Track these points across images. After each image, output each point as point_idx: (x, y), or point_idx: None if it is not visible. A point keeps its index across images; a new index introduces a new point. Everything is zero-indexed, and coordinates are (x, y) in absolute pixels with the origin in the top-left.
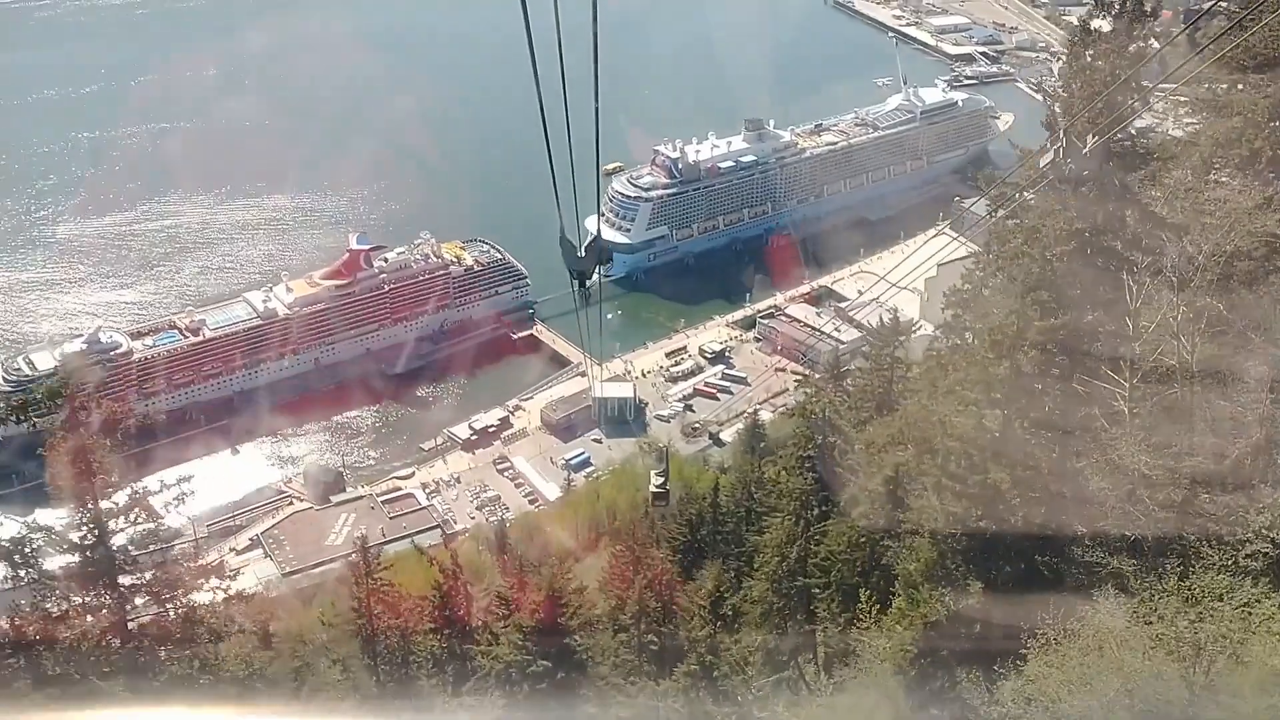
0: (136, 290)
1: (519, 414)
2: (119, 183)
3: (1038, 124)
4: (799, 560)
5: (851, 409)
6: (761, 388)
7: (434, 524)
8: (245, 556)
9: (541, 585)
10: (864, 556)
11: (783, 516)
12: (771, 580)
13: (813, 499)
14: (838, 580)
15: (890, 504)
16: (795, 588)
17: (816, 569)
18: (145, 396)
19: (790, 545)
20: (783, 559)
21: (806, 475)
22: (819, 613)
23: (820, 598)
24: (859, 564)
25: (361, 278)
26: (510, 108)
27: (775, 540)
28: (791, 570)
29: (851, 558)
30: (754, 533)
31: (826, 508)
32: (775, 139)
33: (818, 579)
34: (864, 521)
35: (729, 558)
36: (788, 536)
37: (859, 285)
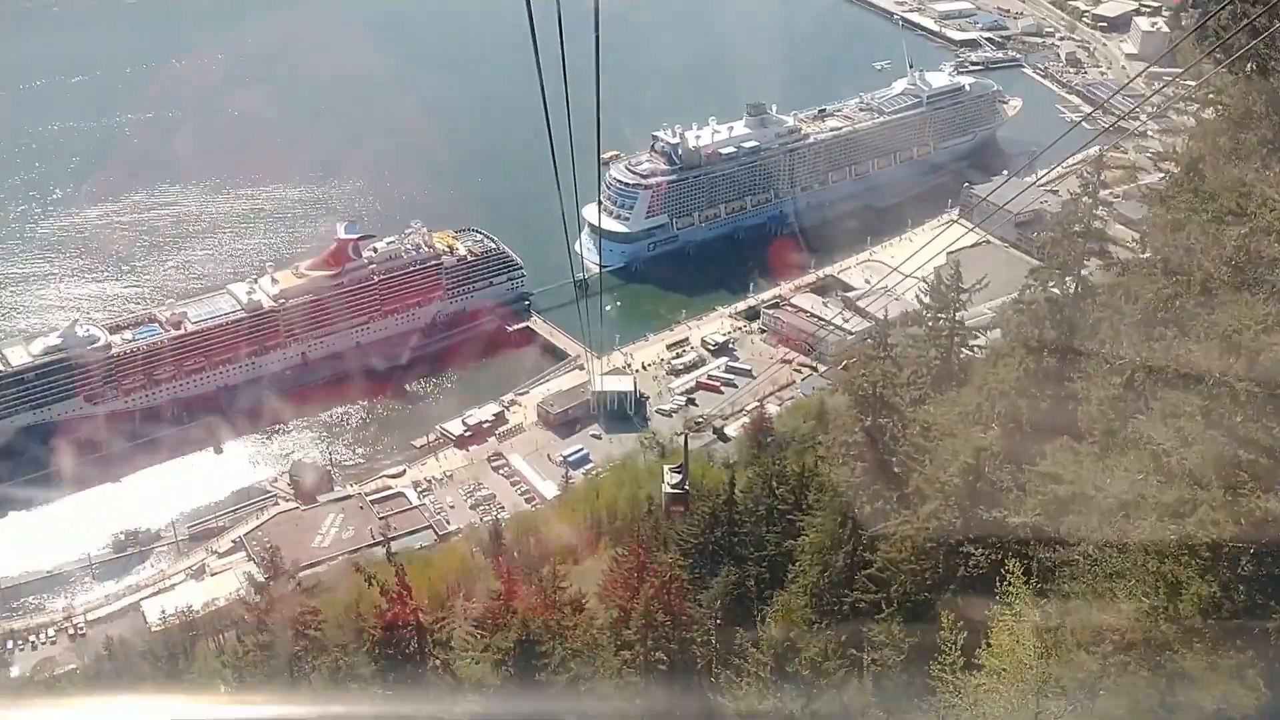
0: (119, 283)
1: (515, 409)
2: (104, 174)
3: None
4: (846, 569)
5: (905, 384)
6: (767, 380)
7: (425, 524)
8: (227, 560)
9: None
10: (933, 567)
11: (825, 516)
12: (811, 594)
13: (863, 494)
14: (899, 596)
15: (970, 499)
16: (843, 604)
17: (870, 581)
18: (124, 393)
19: (835, 551)
20: (825, 568)
21: (854, 466)
22: (876, 637)
23: (876, 617)
24: (928, 576)
25: (350, 268)
26: (507, 95)
27: (816, 544)
28: (836, 582)
29: (918, 568)
30: (776, 534)
31: (881, 505)
32: (778, 124)
33: (872, 594)
34: (935, 523)
35: (747, 562)
36: (832, 540)
37: (866, 274)
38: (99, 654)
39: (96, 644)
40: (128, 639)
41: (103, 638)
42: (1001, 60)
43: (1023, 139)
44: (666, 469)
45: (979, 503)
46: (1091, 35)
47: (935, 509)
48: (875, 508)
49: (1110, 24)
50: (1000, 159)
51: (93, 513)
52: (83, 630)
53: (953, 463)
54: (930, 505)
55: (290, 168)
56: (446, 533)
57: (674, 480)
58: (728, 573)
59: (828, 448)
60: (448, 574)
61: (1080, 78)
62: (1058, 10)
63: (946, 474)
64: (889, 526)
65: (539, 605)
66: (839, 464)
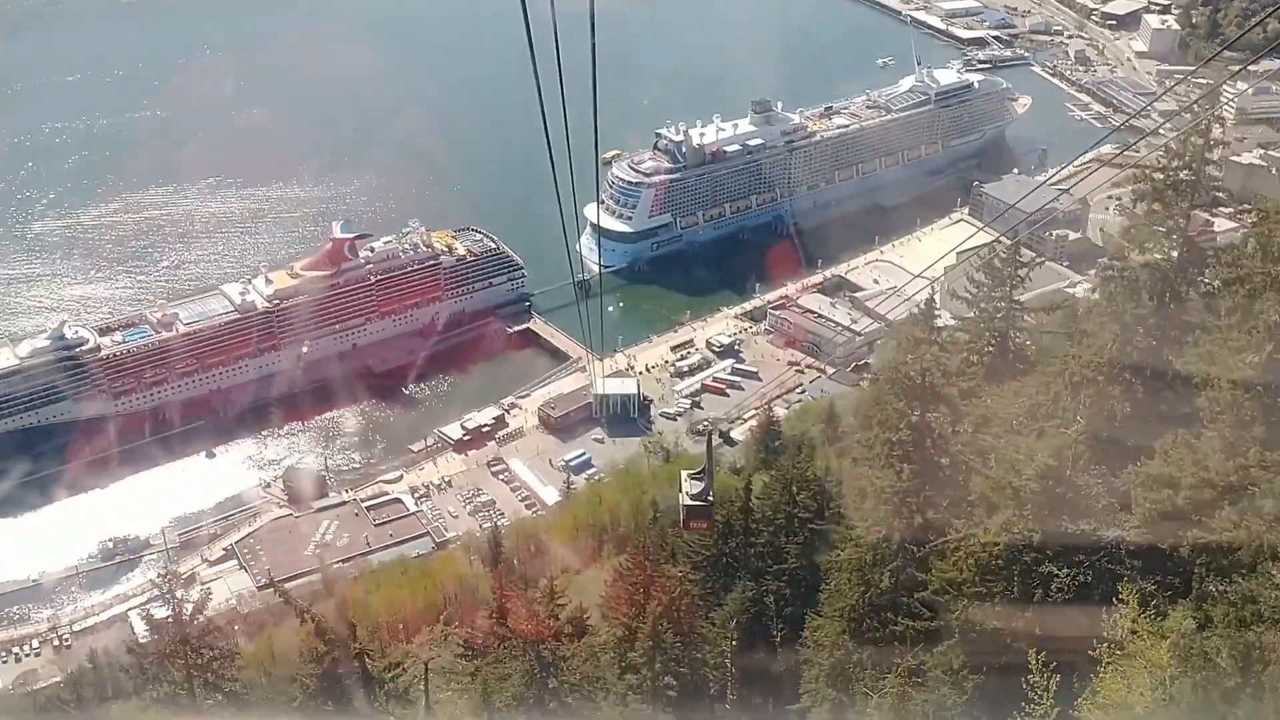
0: (112, 284)
1: (515, 412)
2: (98, 174)
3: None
4: (893, 591)
5: (955, 373)
6: (774, 382)
7: (422, 531)
8: (218, 568)
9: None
10: (1004, 590)
11: (865, 527)
12: (850, 618)
13: (912, 502)
14: (961, 624)
15: (1050, 508)
16: (889, 631)
17: (924, 605)
18: (113, 396)
19: (879, 568)
20: (866, 589)
21: (901, 468)
22: (932, 672)
23: (933, 649)
24: (997, 600)
25: (346, 268)
26: (506, 93)
27: (854, 560)
28: (880, 605)
29: (985, 590)
30: (797, 545)
31: (935, 514)
32: (784, 122)
33: (926, 620)
34: (1006, 536)
35: (765, 576)
36: (875, 556)
37: (874, 274)
38: (82, 666)
39: (80, 656)
40: (112, 651)
41: (86, 650)
42: (1009, 58)
43: (1032, 137)
44: (685, 476)
45: (1062, 512)
46: (1100, 33)
47: (1007, 520)
48: (927, 518)
49: (1119, 22)
50: (1010, 157)
51: (81, 519)
52: (68, 642)
53: (1027, 464)
54: (1001, 515)
55: (288, 167)
56: (444, 540)
57: (695, 489)
58: (744, 588)
59: (868, 447)
60: (445, 584)
61: (1090, 76)
62: (1066, 8)
63: (1021, 478)
64: (949, 541)
65: (536, 627)
66: (881, 466)
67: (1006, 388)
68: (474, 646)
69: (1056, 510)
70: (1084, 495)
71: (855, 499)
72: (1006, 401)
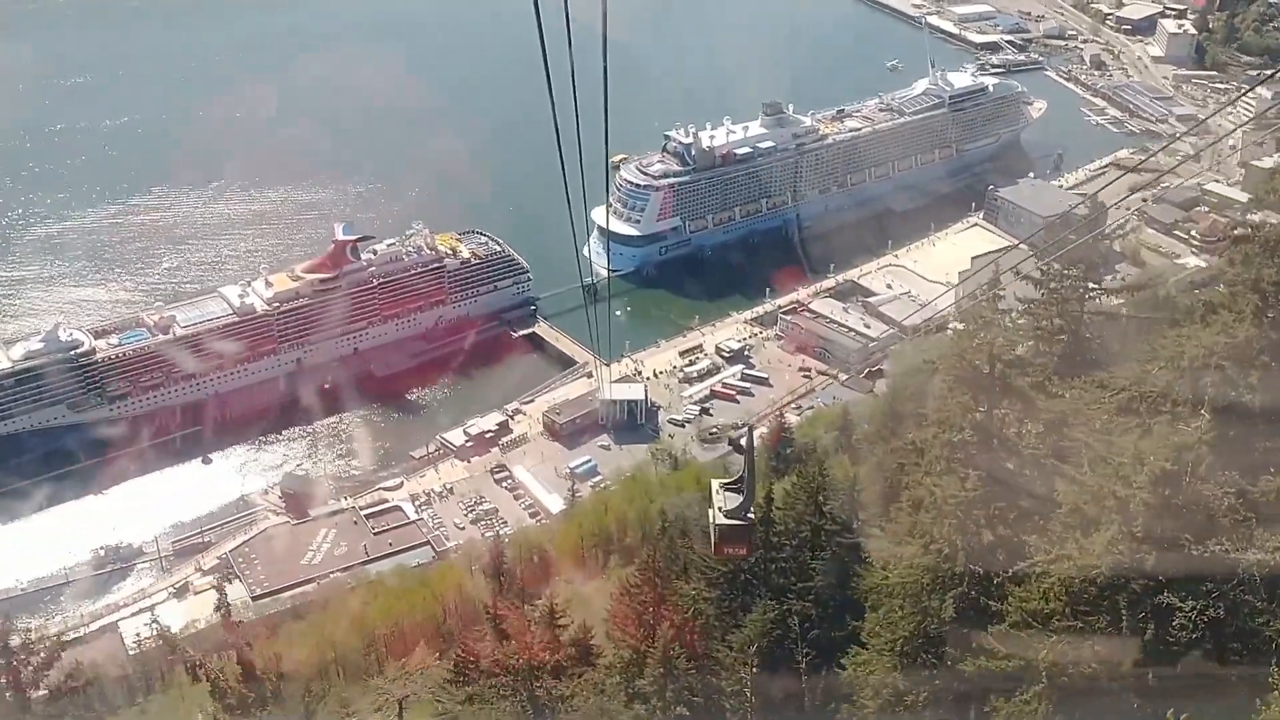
0: (111, 287)
1: (519, 418)
2: (99, 176)
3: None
4: (956, 621)
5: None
6: (784, 388)
7: (422, 540)
8: (212, 578)
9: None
10: (1109, 624)
11: (920, 544)
12: (901, 653)
13: (979, 515)
14: (1050, 666)
15: (1167, 525)
16: (954, 670)
17: (997, 641)
18: (108, 400)
19: (939, 595)
20: (924, 618)
21: (965, 474)
22: None
23: (1014, 696)
24: (1096, 636)
25: (348, 271)
26: (513, 95)
27: (908, 585)
28: (939, 638)
29: (1081, 625)
30: (824, 561)
31: (1007, 531)
32: (795, 124)
33: (1001, 660)
34: (1110, 559)
35: (788, 595)
36: (933, 580)
37: (887, 279)
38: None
39: (65, 668)
40: (99, 663)
41: (72, 662)
42: (1023, 63)
43: (1048, 141)
44: (717, 487)
45: (1183, 529)
46: (1115, 38)
47: (1111, 539)
48: (998, 534)
49: (1134, 27)
50: (1025, 161)
51: (73, 526)
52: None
53: (1135, 470)
54: (1103, 533)
55: (291, 170)
56: (445, 549)
57: (730, 505)
58: (764, 608)
59: (920, 450)
60: (444, 595)
61: (1105, 80)
62: (1080, 13)
63: (1131, 486)
64: (1035, 563)
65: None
66: (940, 472)
67: (1090, 379)
68: (465, 672)
69: (1175, 527)
70: (1211, 508)
71: (908, 511)
72: (1093, 394)
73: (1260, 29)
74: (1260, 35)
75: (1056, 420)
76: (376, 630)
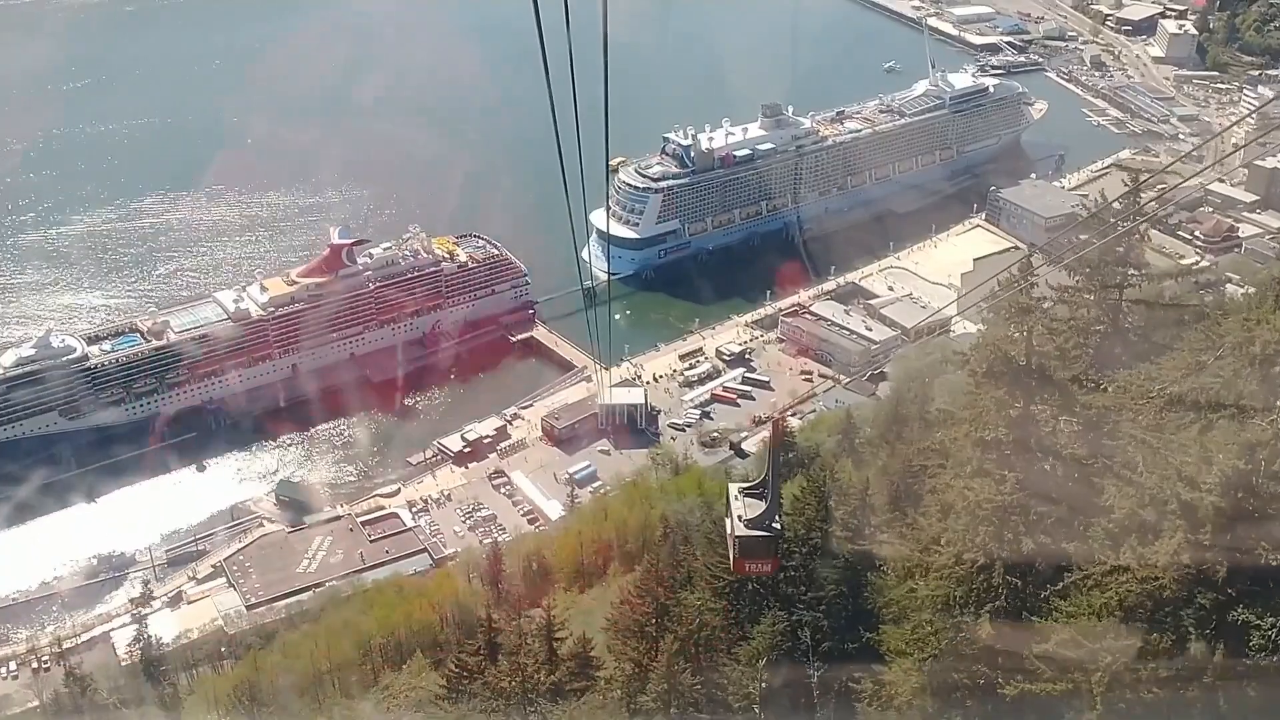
0: (105, 292)
1: (517, 423)
2: (95, 181)
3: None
4: (994, 638)
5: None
6: (786, 392)
7: (420, 548)
8: (206, 586)
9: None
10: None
11: (953, 554)
12: (931, 671)
13: (1017, 521)
14: (1105, 688)
15: (1241, 529)
16: (990, 690)
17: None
18: (101, 407)
19: (974, 608)
20: (957, 633)
21: (1001, 476)
22: None
23: None
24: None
25: (344, 275)
26: (511, 98)
27: (938, 597)
28: (973, 656)
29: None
30: (835, 570)
31: (1048, 538)
32: (795, 126)
33: (1046, 682)
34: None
35: (797, 605)
36: (966, 592)
37: (888, 281)
38: (58, 691)
39: (57, 679)
40: (92, 674)
41: (63, 673)
42: (1023, 64)
43: (1049, 142)
44: (736, 492)
45: (1260, 537)
46: (1115, 39)
47: (1177, 547)
48: (1038, 541)
49: (1134, 27)
50: (1025, 163)
51: (65, 535)
52: (47, 664)
53: (1202, 472)
54: (1167, 541)
55: (288, 174)
56: (443, 556)
57: (752, 514)
58: (773, 619)
59: (942, 453)
60: (442, 604)
61: (1106, 81)
62: (1080, 14)
63: (1199, 489)
64: (1089, 574)
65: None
66: (971, 474)
67: (1135, 372)
68: (458, 689)
69: (1250, 534)
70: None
71: (937, 516)
72: (1139, 388)
73: (1261, 29)
74: (1261, 35)
75: (1099, 417)
76: (372, 640)
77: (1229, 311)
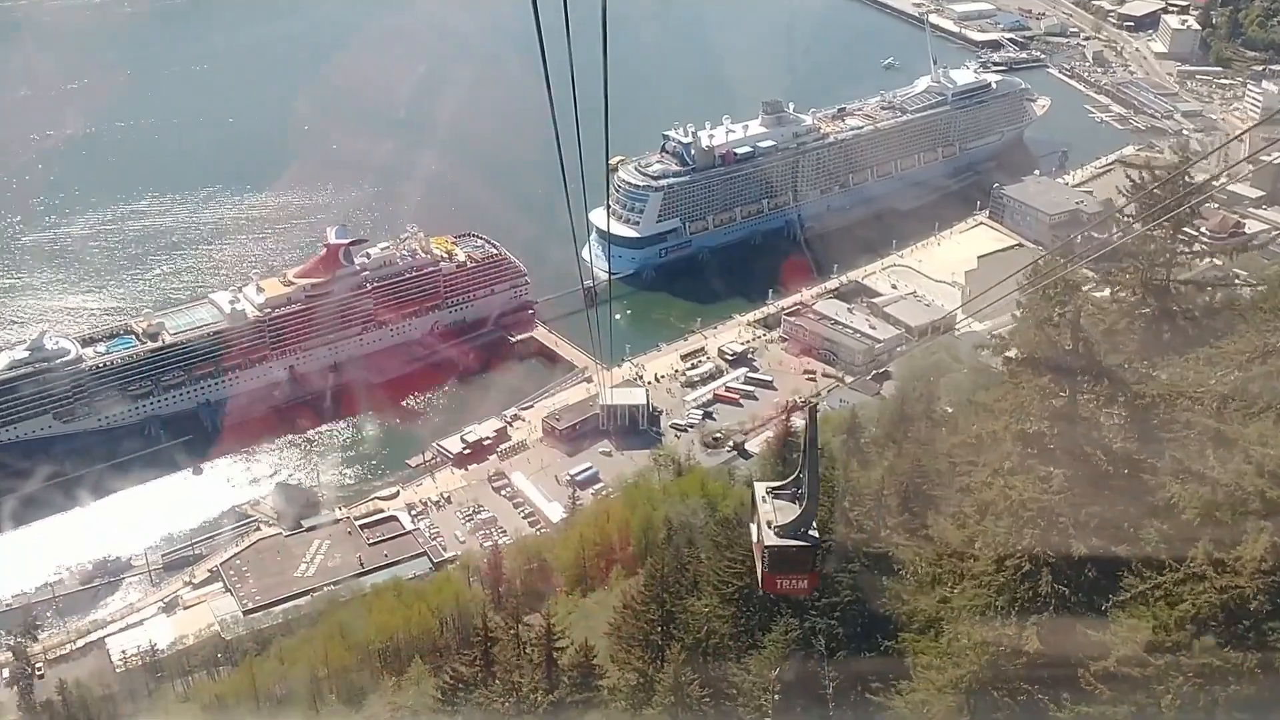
0: (98, 295)
1: (518, 424)
2: (90, 183)
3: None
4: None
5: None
6: (789, 391)
7: (419, 551)
8: (203, 591)
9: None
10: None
11: (993, 560)
12: (970, 691)
13: (1065, 523)
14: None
15: None
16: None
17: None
18: (96, 410)
19: (1019, 620)
20: (1000, 650)
21: (1047, 473)
22: None
23: None
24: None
25: (341, 275)
26: (510, 96)
27: (977, 605)
28: (1017, 675)
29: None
30: (850, 575)
31: (1100, 543)
32: (796, 123)
33: (1105, 705)
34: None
35: (811, 612)
36: (1009, 602)
37: (892, 279)
38: (50, 699)
39: (49, 688)
40: (85, 682)
41: (56, 681)
42: (1025, 60)
43: (1052, 139)
44: (763, 493)
45: None
46: (1117, 35)
47: (1263, 552)
48: (1093, 547)
49: (1136, 23)
50: (1028, 159)
51: (60, 540)
52: (40, 671)
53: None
54: (1254, 545)
55: (285, 173)
56: (442, 560)
57: (784, 519)
58: (786, 627)
59: (975, 446)
60: (441, 607)
61: (1109, 77)
62: (1081, 10)
63: None
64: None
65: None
66: (1010, 470)
67: (1192, 356)
68: (453, 700)
69: None
70: None
71: (973, 517)
72: (1198, 373)
73: (1265, 23)
74: (1265, 30)
75: (1153, 407)
76: (371, 645)
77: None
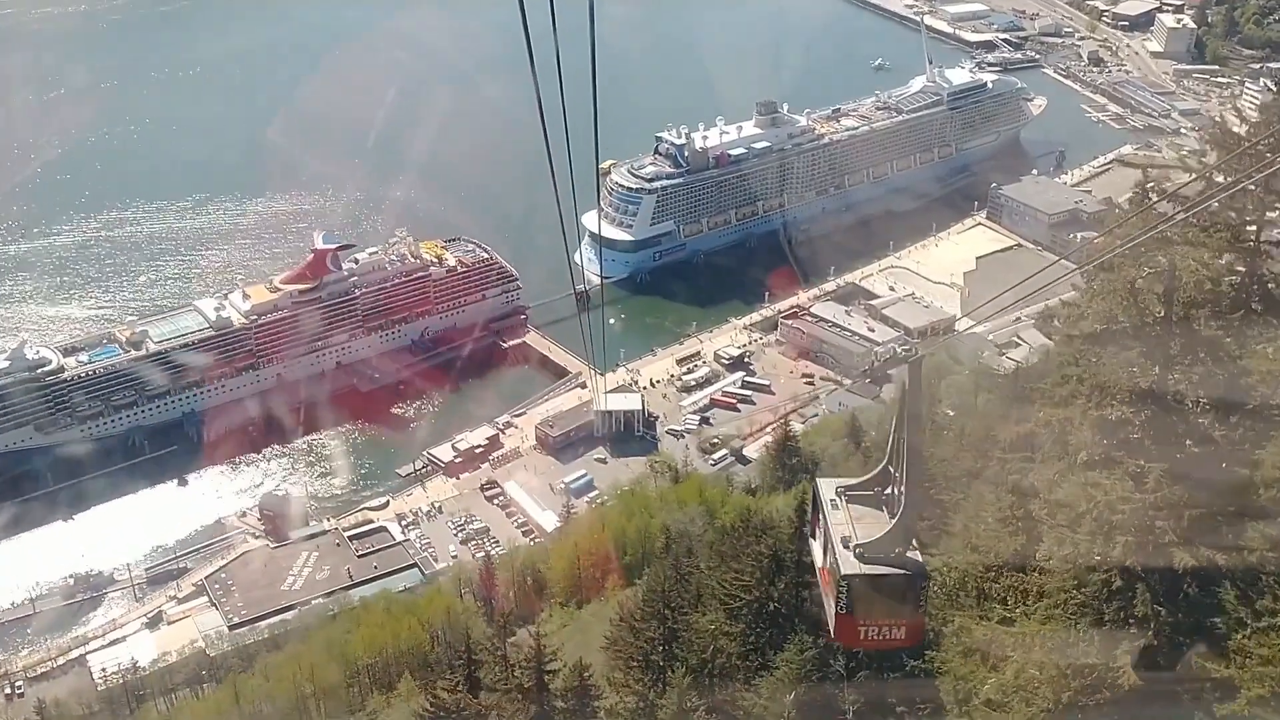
0: (81, 303)
1: (510, 432)
2: (72, 191)
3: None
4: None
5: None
6: (787, 395)
7: (410, 562)
8: (187, 605)
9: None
10: None
11: (1072, 572)
12: None
13: (1164, 528)
14: None
15: None
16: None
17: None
18: (78, 420)
19: (1111, 649)
20: (1084, 683)
21: (1141, 469)
22: None
23: None
24: None
25: (329, 281)
26: (499, 98)
27: (1048, 625)
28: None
29: None
30: None
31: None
32: (790, 124)
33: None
34: None
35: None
36: (1097, 623)
37: (889, 281)
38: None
39: (28, 707)
40: (64, 700)
41: (35, 700)
42: (1020, 61)
43: (1049, 139)
44: (833, 495)
45: None
46: (1112, 34)
47: None
48: (1202, 558)
49: (1131, 23)
50: (1025, 160)
51: (41, 555)
52: (20, 689)
53: None
54: None
55: (270, 179)
56: (434, 571)
57: (869, 533)
58: (800, 644)
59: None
60: (432, 620)
61: (1104, 77)
62: (1076, 10)
63: None
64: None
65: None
66: (1090, 465)
67: None
68: None
69: None
70: None
71: (1048, 523)
72: None
73: (1261, 22)
74: (1261, 28)
75: (1259, 383)
76: (359, 661)
77: None
